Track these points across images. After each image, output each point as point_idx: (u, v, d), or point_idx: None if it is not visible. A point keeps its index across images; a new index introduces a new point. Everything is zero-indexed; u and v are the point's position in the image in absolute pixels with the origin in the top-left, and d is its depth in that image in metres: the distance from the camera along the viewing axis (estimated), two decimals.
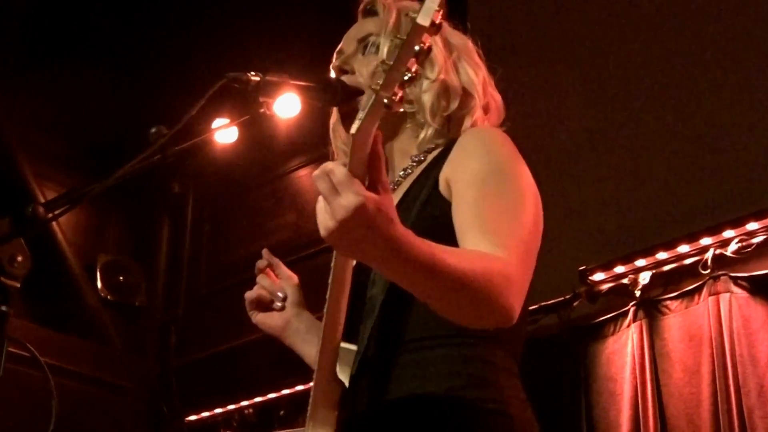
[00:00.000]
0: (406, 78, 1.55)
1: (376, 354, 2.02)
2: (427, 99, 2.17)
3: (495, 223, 1.89)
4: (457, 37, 2.29)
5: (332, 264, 1.92)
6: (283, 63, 4.98)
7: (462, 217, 1.93)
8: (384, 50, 2.21)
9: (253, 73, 2.16)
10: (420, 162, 2.19)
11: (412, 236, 1.67)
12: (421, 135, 2.19)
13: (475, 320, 1.83)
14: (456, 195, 1.98)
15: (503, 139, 2.08)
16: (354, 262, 1.98)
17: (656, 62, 4.60)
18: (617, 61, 4.72)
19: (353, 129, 1.58)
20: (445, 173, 2.04)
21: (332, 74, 2.31)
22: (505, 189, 1.96)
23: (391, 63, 1.54)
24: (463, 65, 2.23)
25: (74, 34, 6.26)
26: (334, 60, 2.32)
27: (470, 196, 1.95)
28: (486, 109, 2.24)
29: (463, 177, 1.99)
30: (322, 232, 1.63)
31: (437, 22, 1.53)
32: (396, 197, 2.09)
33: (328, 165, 1.60)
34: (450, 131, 2.18)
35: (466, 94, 2.19)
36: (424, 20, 1.52)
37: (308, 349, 2.31)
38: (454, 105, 2.18)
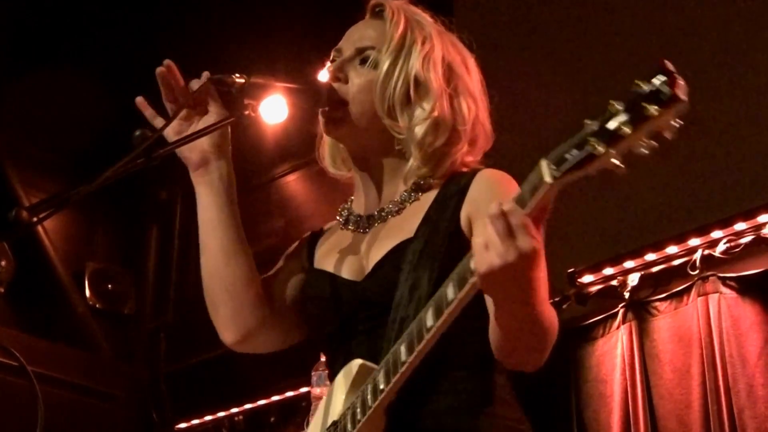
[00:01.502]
0: (634, 150, 1.60)
1: (413, 377, 2.03)
2: (418, 132, 2.18)
3: None
4: (459, 63, 2.27)
5: (452, 296, 1.87)
6: (269, 65, 4.97)
7: None
8: (384, 67, 2.21)
9: (237, 75, 2.15)
10: (424, 189, 2.20)
11: (543, 282, 1.81)
12: (408, 165, 2.21)
13: (529, 364, 1.98)
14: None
15: (514, 184, 2.12)
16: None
17: (644, 63, 4.59)
18: (609, 62, 4.72)
19: (548, 177, 1.69)
20: (468, 211, 2.09)
21: (325, 75, 2.29)
22: None
23: (629, 131, 1.66)
24: (458, 99, 2.23)
25: (60, 40, 6.24)
26: (332, 58, 2.30)
27: None
28: (473, 142, 2.25)
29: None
30: (484, 268, 1.70)
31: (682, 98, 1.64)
32: (409, 219, 2.16)
33: (507, 206, 1.68)
34: (435, 164, 2.20)
35: (454, 132, 2.20)
36: (685, 95, 1.67)
37: (212, 213, 2.32)
38: (441, 141, 2.19)
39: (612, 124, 1.62)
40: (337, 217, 2.34)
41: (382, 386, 1.96)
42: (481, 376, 2.05)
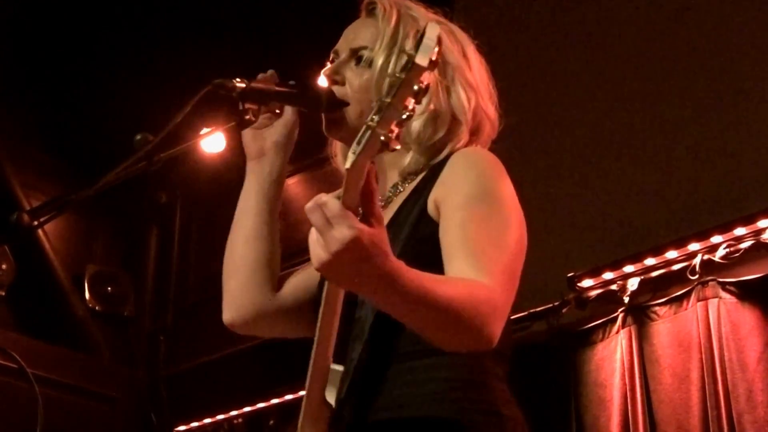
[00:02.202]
0: (404, 117, 1.55)
1: (365, 373, 2.02)
2: (416, 126, 2.16)
3: (481, 248, 1.91)
4: (456, 53, 2.25)
5: (324, 293, 1.91)
6: (269, 69, 4.96)
7: (449, 240, 1.95)
8: (377, 64, 2.21)
9: (238, 79, 2.16)
10: (410, 180, 2.19)
11: (404, 268, 1.70)
12: (407, 158, 2.20)
13: (458, 345, 1.85)
14: (444, 216, 2.00)
15: (493, 161, 2.09)
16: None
17: (644, 70, 4.60)
18: (608, 70, 4.73)
19: (347, 164, 1.59)
20: (435, 194, 2.05)
21: (323, 80, 2.30)
22: (493, 213, 1.98)
23: (389, 100, 1.54)
24: (456, 88, 2.21)
25: (61, 43, 6.24)
26: (330, 60, 2.31)
27: (458, 219, 1.96)
28: (475, 131, 2.22)
29: (452, 199, 2.00)
30: (315, 264, 1.64)
31: (434, 59, 1.53)
32: (387, 215, 2.10)
33: (321, 197, 1.62)
34: (432, 155, 2.18)
35: (454, 121, 2.19)
36: (422, 60, 1.52)
37: (250, 200, 2.38)
38: (441, 133, 2.17)
39: (387, 97, 1.56)
40: None
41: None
42: (443, 361, 1.97)
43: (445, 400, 1.96)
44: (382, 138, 1.55)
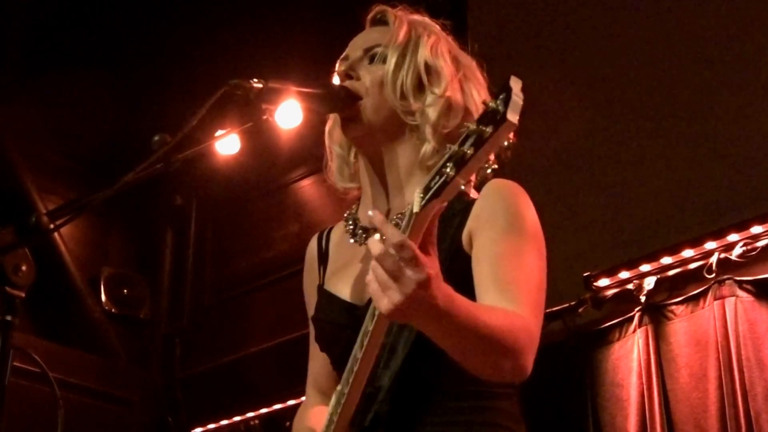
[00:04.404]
0: (488, 171, 1.60)
1: (394, 405, 2.05)
2: (432, 114, 2.18)
3: (514, 281, 1.99)
4: (464, 57, 2.32)
5: (370, 327, 1.91)
6: (285, 69, 4.97)
7: (483, 272, 2.03)
8: (392, 61, 2.23)
9: (255, 80, 2.16)
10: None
11: (458, 298, 1.79)
12: (422, 151, 2.20)
13: (497, 372, 1.93)
14: (477, 248, 2.06)
15: (521, 194, 2.14)
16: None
17: (658, 68, 4.59)
18: (620, 68, 4.72)
19: (416, 207, 1.68)
20: (470, 228, 2.10)
21: (336, 80, 2.30)
22: (523, 246, 2.05)
23: (470, 152, 1.60)
24: (468, 84, 2.26)
25: (74, 44, 6.26)
26: (338, 65, 2.31)
27: (493, 253, 2.04)
28: None
29: (486, 233, 2.07)
30: (386, 306, 1.70)
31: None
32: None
33: (395, 240, 1.67)
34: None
35: (467, 113, 2.21)
36: (514, 117, 1.56)
37: None
38: (455, 123, 2.19)
39: (465, 147, 1.61)
40: (344, 225, 2.33)
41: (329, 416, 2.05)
42: (478, 405, 2.04)
43: None
44: (463, 188, 1.64)
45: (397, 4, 2.38)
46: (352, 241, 2.26)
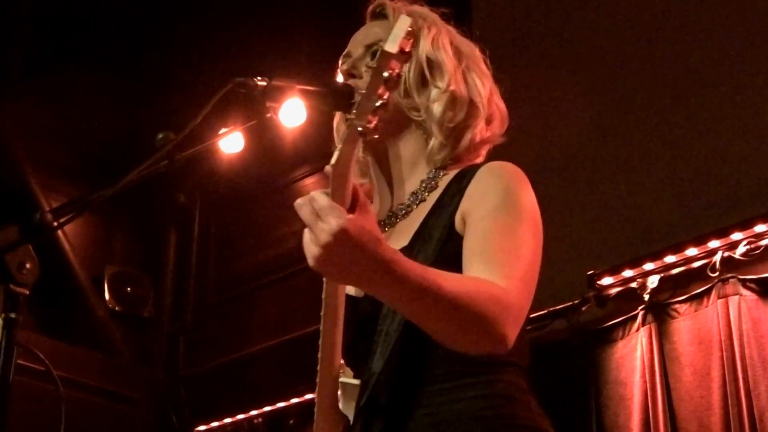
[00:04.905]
0: (377, 105, 1.58)
1: (387, 390, 2.02)
2: (437, 109, 2.18)
3: (500, 254, 1.93)
4: (466, 45, 2.29)
5: (323, 295, 1.90)
6: (289, 67, 4.98)
7: (470, 247, 1.97)
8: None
9: (259, 77, 2.15)
10: (431, 188, 2.18)
11: (402, 257, 1.71)
12: (429, 146, 2.20)
13: (468, 344, 1.86)
14: (468, 226, 2.02)
15: (517, 173, 2.10)
16: (345, 289, 1.98)
17: (663, 67, 4.59)
18: (625, 65, 4.72)
19: (333, 160, 1.64)
20: (462, 209, 2.06)
21: (340, 78, 2.30)
22: (515, 224, 1.99)
23: (363, 91, 1.59)
24: (471, 75, 2.24)
25: (78, 44, 6.27)
26: (341, 63, 2.31)
27: (481, 228, 1.98)
28: (489, 120, 2.25)
29: (478, 210, 2.02)
30: (310, 261, 1.66)
31: (407, 49, 1.57)
32: (411, 226, 2.11)
33: (311, 193, 1.65)
34: (455, 140, 2.19)
35: (472, 105, 2.20)
36: (391, 47, 1.56)
37: None
38: (461, 116, 2.19)
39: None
40: None
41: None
42: (485, 378, 1.99)
43: (481, 417, 1.96)
44: (360, 129, 1.60)
45: None
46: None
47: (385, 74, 1.57)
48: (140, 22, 6.34)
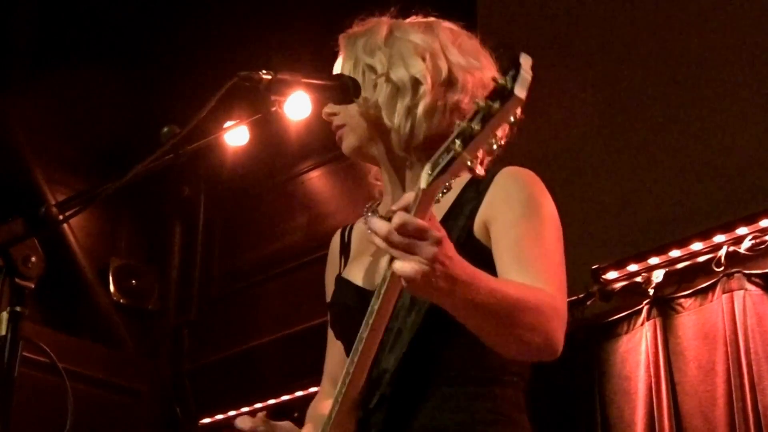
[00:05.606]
0: (494, 147, 1.59)
1: (399, 389, 2.04)
2: (418, 128, 2.20)
3: (537, 261, 2.00)
4: (441, 44, 2.26)
5: (376, 306, 1.90)
6: (294, 61, 4.98)
7: (504, 254, 2.03)
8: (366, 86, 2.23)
9: (264, 71, 2.16)
10: (445, 189, 2.19)
11: (478, 270, 1.79)
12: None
13: (526, 349, 1.92)
14: (497, 234, 2.06)
15: (536, 180, 2.15)
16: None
17: (668, 60, 4.59)
18: (629, 60, 4.71)
19: (424, 183, 1.66)
20: (484, 214, 2.09)
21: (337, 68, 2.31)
22: (544, 230, 2.06)
23: (478, 128, 1.57)
24: (452, 77, 2.23)
25: (83, 37, 6.27)
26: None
27: (512, 237, 2.03)
28: (451, 82, 2.25)
29: (504, 218, 2.06)
30: (414, 280, 1.68)
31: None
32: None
33: (397, 218, 1.66)
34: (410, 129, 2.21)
35: (456, 109, 2.20)
36: (521, 92, 1.55)
37: None
38: (445, 123, 2.19)
39: (473, 122, 1.59)
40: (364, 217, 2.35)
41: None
42: (488, 389, 2.04)
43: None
44: (470, 164, 1.61)
45: None
46: (369, 231, 2.27)
47: (512, 119, 1.58)
48: (145, 15, 6.34)
